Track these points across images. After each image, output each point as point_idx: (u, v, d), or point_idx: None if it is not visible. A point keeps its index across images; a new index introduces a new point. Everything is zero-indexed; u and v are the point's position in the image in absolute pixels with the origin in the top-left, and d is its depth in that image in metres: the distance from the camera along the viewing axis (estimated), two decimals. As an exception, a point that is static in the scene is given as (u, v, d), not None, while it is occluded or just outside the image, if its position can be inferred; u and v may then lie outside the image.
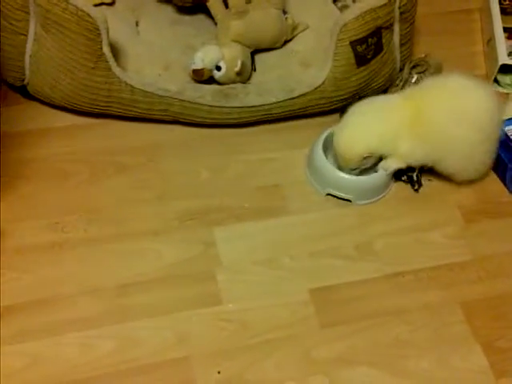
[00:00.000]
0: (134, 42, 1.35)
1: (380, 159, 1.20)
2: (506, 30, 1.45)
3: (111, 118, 1.28)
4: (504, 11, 1.50)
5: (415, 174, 1.23)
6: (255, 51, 1.36)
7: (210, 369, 1.01)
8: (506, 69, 1.40)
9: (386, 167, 1.20)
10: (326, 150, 1.22)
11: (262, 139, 1.30)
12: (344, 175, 1.20)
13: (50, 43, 1.20)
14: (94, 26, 1.16)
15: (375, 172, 1.21)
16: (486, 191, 1.26)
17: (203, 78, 1.29)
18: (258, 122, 1.30)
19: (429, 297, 1.11)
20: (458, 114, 1.16)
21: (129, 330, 1.04)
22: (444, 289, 1.13)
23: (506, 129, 1.26)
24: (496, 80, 1.42)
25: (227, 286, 1.10)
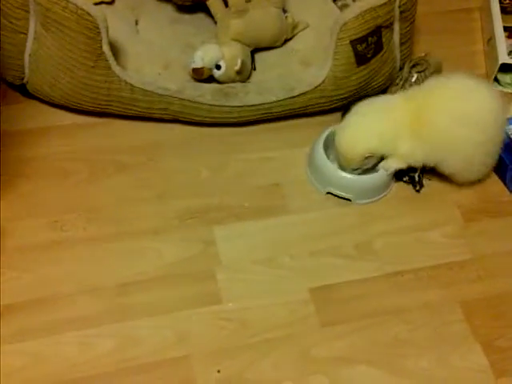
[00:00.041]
0: (134, 40, 1.35)
1: (382, 159, 1.20)
2: (506, 29, 1.45)
3: (111, 116, 1.28)
4: (504, 10, 1.50)
5: (417, 174, 1.23)
6: (255, 50, 1.36)
7: (209, 368, 1.01)
8: (506, 68, 1.40)
9: (387, 167, 1.20)
10: (327, 148, 1.22)
11: (261, 138, 1.30)
12: (344, 174, 1.20)
13: (49, 42, 1.20)
14: (94, 24, 1.16)
15: (376, 172, 1.21)
16: (485, 191, 1.26)
17: (203, 77, 1.29)
18: (258, 121, 1.30)
19: (428, 296, 1.12)
20: (461, 114, 1.15)
21: (129, 328, 1.04)
22: (444, 288, 1.13)
23: (506, 128, 1.26)
24: (496, 79, 1.42)
25: (227, 285, 1.10)
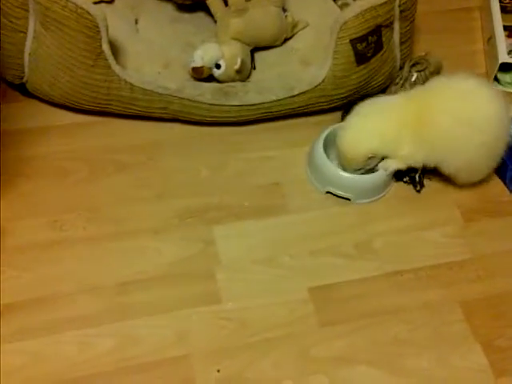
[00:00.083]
0: (134, 39, 1.34)
1: (383, 159, 1.19)
2: (506, 28, 1.45)
3: (111, 116, 1.27)
4: (504, 9, 1.50)
5: (418, 174, 1.23)
6: (255, 49, 1.36)
7: (209, 367, 1.01)
8: (506, 67, 1.40)
9: (386, 167, 1.20)
10: (327, 148, 1.22)
11: (261, 137, 1.30)
12: (344, 174, 1.20)
13: (49, 41, 1.19)
14: (94, 23, 1.16)
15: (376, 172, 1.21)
16: (485, 191, 1.26)
17: (203, 76, 1.29)
18: (258, 120, 1.30)
19: (428, 296, 1.12)
20: (463, 114, 1.14)
21: (128, 328, 1.04)
22: (443, 288, 1.13)
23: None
24: (496, 78, 1.42)
25: (227, 284, 1.10)
